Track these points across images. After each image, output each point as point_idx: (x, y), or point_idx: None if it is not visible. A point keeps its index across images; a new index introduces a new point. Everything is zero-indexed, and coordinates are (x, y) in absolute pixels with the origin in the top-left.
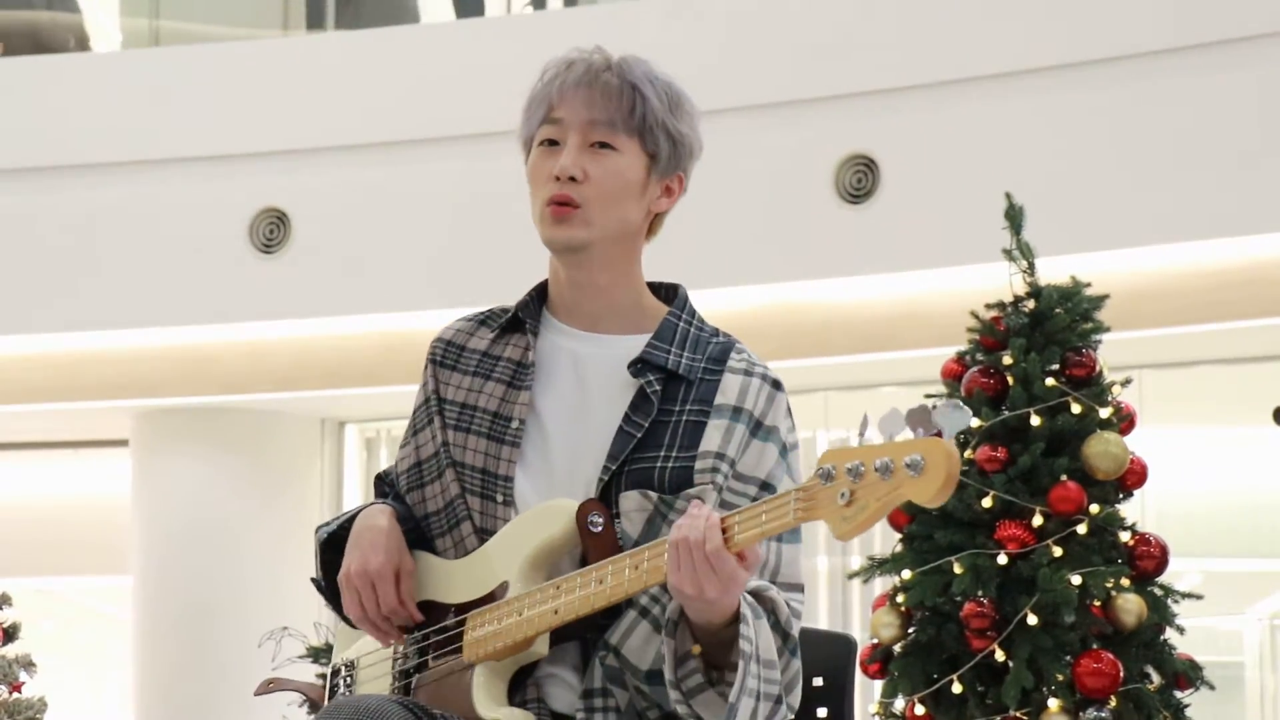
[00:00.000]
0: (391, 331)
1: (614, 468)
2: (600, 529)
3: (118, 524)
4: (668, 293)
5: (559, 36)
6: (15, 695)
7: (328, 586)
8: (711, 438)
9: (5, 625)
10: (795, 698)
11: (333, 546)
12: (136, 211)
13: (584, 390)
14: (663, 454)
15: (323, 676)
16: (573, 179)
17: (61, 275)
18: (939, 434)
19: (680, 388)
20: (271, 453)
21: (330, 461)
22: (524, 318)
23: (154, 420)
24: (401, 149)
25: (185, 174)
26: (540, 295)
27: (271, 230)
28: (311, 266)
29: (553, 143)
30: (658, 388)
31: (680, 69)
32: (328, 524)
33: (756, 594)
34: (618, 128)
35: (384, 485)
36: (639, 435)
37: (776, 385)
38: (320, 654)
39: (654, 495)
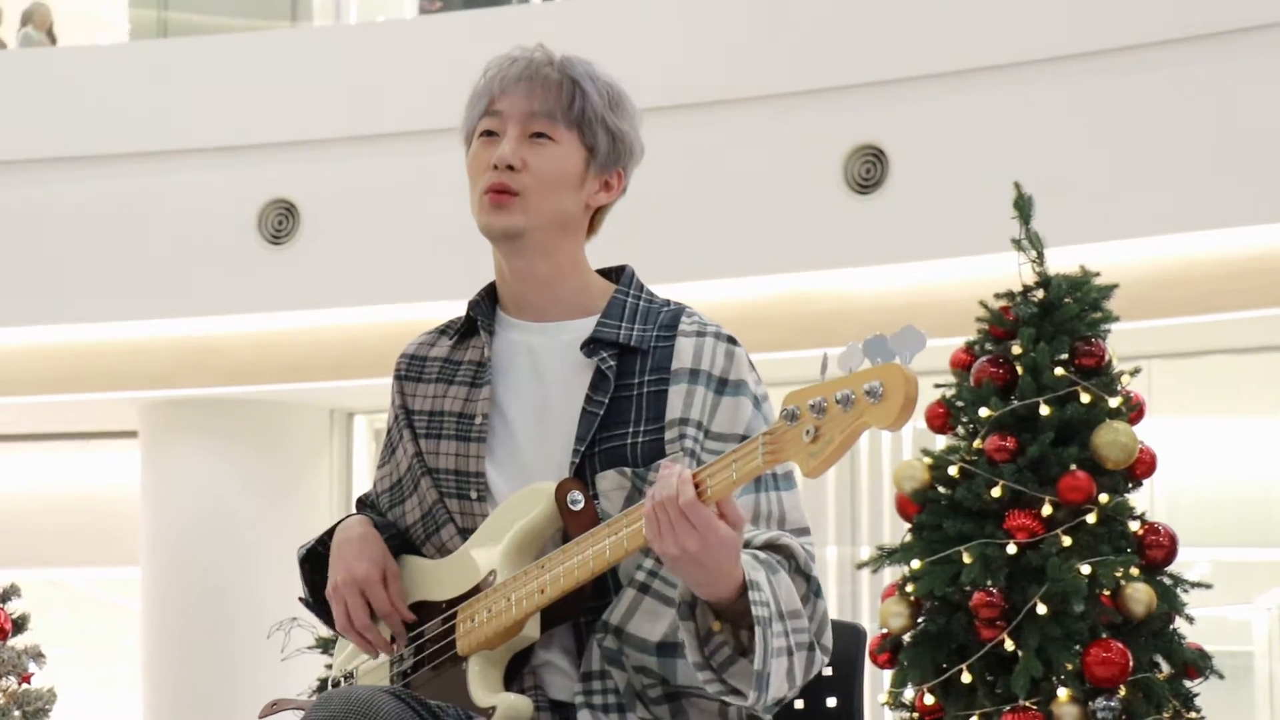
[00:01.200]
0: (400, 322)
1: (583, 449)
2: (580, 506)
3: (127, 515)
4: (616, 275)
5: (569, 27)
6: (25, 686)
7: (316, 603)
8: (674, 405)
9: (15, 616)
10: (828, 639)
11: (314, 566)
12: (145, 203)
13: (542, 379)
14: (631, 429)
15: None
16: (511, 168)
17: (70, 267)
18: (897, 361)
19: (635, 360)
20: (281, 443)
21: (339, 452)
22: (475, 316)
23: (163, 412)
24: (410, 140)
25: (194, 165)
26: (491, 296)
27: (280, 221)
28: (320, 257)
29: (492, 134)
30: (613, 363)
31: (688, 61)
32: (307, 543)
33: (771, 544)
34: (557, 119)
35: (364, 509)
36: (601, 413)
37: (732, 341)
38: (330, 645)
39: (629, 471)
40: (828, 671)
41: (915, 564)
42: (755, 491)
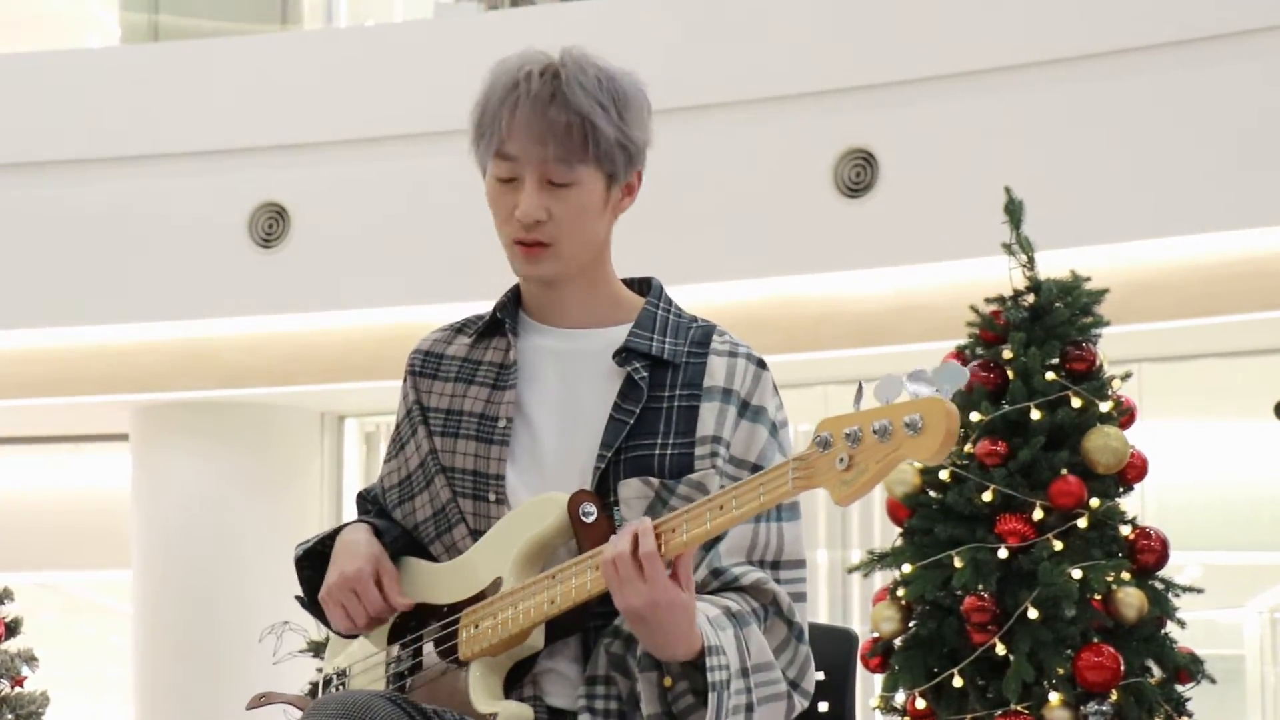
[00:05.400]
0: (391, 325)
1: (609, 455)
2: (593, 518)
3: (118, 518)
4: (641, 285)
5: (557, 32)
6: (17, 690)
7: (312, 603)
8: (706, 421)
9: (7, 620)
10: (809, 682)
11: (313, 564)
12: (136, 206)
13: (569, 385)
14: (660, 440)
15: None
16: (538, 221)
17: (61, 270)
18: (938, 395)
19: (667, 373)
20: (271, 447)
21: (330, 455)
22: (503, 318)
23: (154, 414)
24: (401, 143)
25: (185, 168)
26: (516, 297)
27: (271, 224)
28: (311, 261)
29: (510, 178)
30: (645, 374)
31: (678, 64)
32: (306, 541)
33: (756, 586)
34: (573, 164)
35: (366, 504)
36: (631, 422)
37: (761, 364)
38: (321, 648)
39: (655, 481)
40: (820, 676)
41: (906, 568)
42: (754, 522)
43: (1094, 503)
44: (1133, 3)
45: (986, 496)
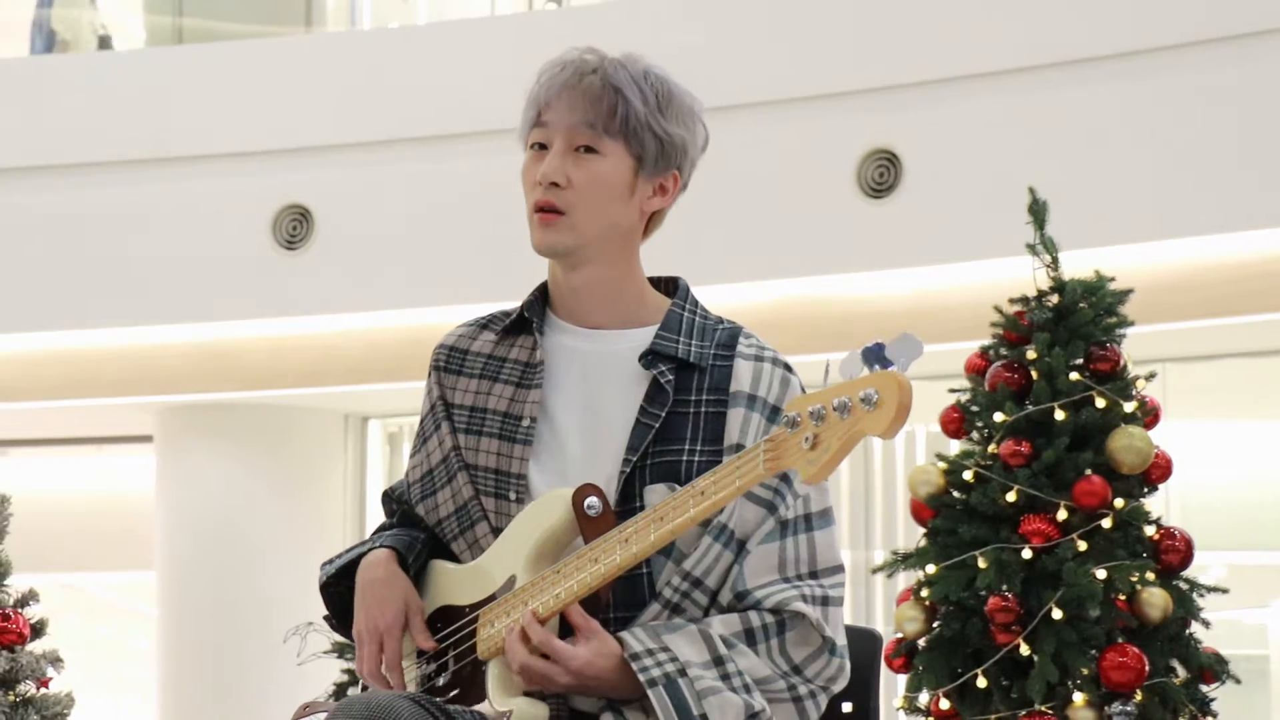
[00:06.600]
0: (414, 326)
1: (634, 459)
2: (598, 512)
3: (142, 520)
4: (668, 286)
5: (581, 33)
6: (43, 691)
7: (340, 623)
8: (732, 429)
9: (33, 621)
10: (839, 685)
11: (343, 574)
12: (160, 208)
13: (594, 386)
14: (688, 447)
15: (348, 673)
16: (556, 184)
17: (86, 272)
18: (895, 368)
19: (693, 376)
20: (295, 448)
21: (353, 456)
22: (530, 317)
23: (178, 416)
24: (424, 145)
25: (209, 171)
26: (543, 296)
27: (295, 227)
28: (334, 263)
29: (542, 146)
30: (671, 377)
31: (701, 65)
32: (331, 561)
33: (776, 610)
34: (599, 131)
35: (391, 503)
36: (657, 426)
37: (787, 368)
38: (345, 650)
39: (679, 489)
40: None
41: (930, 569)
42: (780, 539)
43: (1118, 503)
44: (1159, 2)
45: (1010, 497)
